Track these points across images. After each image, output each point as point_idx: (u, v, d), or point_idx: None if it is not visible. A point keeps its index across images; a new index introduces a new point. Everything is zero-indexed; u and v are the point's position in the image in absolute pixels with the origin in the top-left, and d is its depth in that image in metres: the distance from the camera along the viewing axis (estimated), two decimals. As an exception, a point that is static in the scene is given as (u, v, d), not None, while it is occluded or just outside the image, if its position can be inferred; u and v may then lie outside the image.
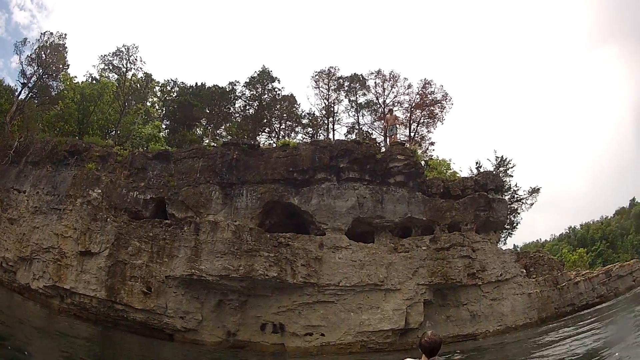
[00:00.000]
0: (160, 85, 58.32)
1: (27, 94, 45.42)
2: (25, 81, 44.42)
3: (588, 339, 20.82)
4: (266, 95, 50.76)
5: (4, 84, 48.37)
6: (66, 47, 47.31)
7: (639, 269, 34.92)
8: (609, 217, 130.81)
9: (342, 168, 30.70)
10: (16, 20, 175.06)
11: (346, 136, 50.30)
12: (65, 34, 47.34)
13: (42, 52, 45.22)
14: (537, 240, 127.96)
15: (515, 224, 49.57)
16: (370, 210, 29.91)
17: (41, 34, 47.20)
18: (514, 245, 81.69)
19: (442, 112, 49.28)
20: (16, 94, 45.80)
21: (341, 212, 29.57)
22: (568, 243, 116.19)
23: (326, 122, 50.57)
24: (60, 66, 46.96)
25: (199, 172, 31.28)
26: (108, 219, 29.58)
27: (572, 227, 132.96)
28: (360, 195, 30.07)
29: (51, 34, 46.78)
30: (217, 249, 28.02)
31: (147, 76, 54.38)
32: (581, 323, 26.45)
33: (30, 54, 44.87)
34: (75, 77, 49.09)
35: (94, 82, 48.32)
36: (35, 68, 45.12)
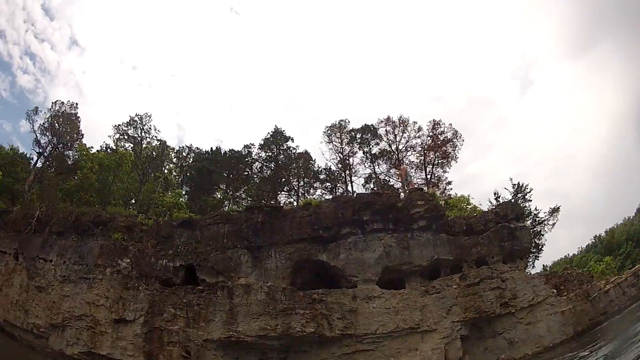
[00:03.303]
0: (175, 151, 59.53)
1: (44, 163, 46.41)
2: (41, 150, 45.40)
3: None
4: (282, 155, 51.98)
5: (19, 152, 49.68)
6: (78, 117, 48.60)
7: (667, 260, 34.77)
8: (631, 217, 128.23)
9: (365, 221, 31.37)
10: (20, 84, 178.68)
11: (364, 187, 51.39)
12: (77, 104, 48.80)
13: (55, 122, 46.35)
14: (565, 255, 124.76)
15: (540, 246, 49.31)
16: (397, 257, 30.43)
17: (52, 103, 48.16)
18: (543, 265, 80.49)
19: (454, 150, 50.18)
20: (32, 162, 47.01)
21: (370, 263, 30.09)
22: (595, 252, 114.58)
23: (343, 175, 51.39)
24: (74, 136, 47.92)
25: (225, 237, 32.00)
26: (140, 287, 30.32)
27: (597, 235, 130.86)
28: (386, 244, 30.60)
29: (62, 103, 48.11)
30: (252, 310, 28.56)
31: (162, 143, 55.34)
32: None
33: (43, 123, 46.09)
34: (92, 147, 50.38)
35: (111, 152, 49.43)
36: (50, 137, 46.14)
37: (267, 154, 52.30)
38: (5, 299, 32.68)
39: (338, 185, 51.74)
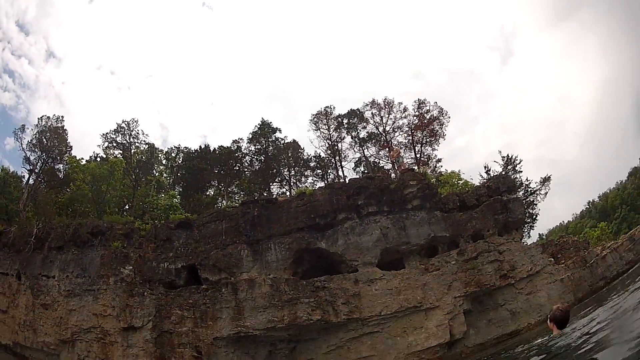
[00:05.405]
0: (164, 153, 59.43)
1: (35, 179, 46.15)
2: (31, 167, 45.20)
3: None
4: (271, 147, 52.24)
5: (10, 172, 49.49)
6: (65, 130, 48.42)
7: (662, 223, 35.02)
8: (624, 181, 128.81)
9: (360, 205, 31.67)
10: (1, 102, 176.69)
11: (355, 171, 51.93)
12: (62, 117, 48.70)
13: (43, 137, 46.12)
14: (560, 223, 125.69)
15: (534, 216, 49.91)
16: (395, 238, 30.72)
17: (38, 118, 47.95)
18: (539, 234, 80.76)
19: (441, 128, 50.73)
20: (24, 180, 46.95)
21: (368, 246, 30.41)
22: (590, 218, 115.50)
23: (333, 161, 51.93)
24: (63, 149, 47.70)
25: (224, 234, 32.21)
26: (145, 293, 30.52)
27: (591, 200, 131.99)
28: (382, 226, 30.90)
29: (48, 117, 47.94)
30: (258, 304, 28.88)
31: (151, 147, 55.20)
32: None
33: (31, 140, 45.90)
34: (82, 158, 50.23)
35: (101, 161, 49.36)
36: (39, 153, 45.99)
37: (256, 147, 52.59)
38: (13, 320, 32.80)
39: (329, 171, 52.37)
